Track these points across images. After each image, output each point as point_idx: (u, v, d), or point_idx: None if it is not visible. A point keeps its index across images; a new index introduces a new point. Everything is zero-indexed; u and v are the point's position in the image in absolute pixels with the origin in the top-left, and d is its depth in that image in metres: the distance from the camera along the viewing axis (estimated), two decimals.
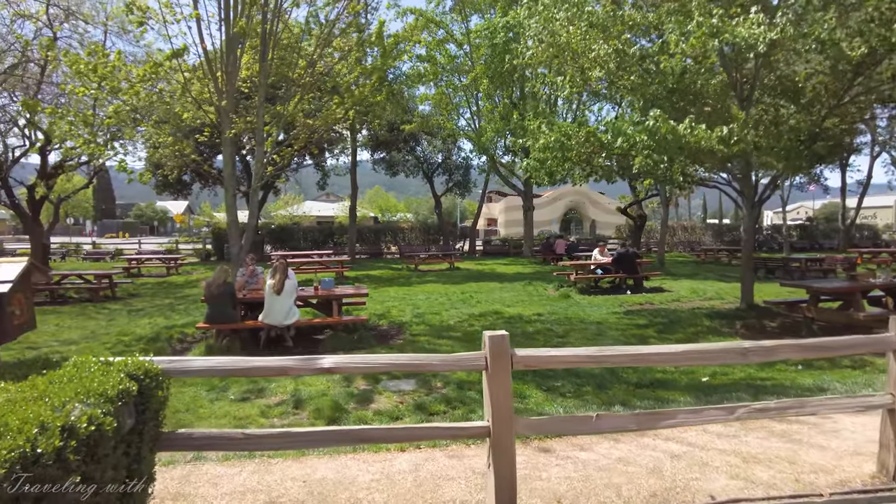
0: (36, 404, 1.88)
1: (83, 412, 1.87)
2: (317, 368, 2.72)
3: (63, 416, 1.79)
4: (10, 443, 1.56)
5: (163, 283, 17.82)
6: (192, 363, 2.68)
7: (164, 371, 2.57)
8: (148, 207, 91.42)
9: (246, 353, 7.87)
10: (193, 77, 10.14)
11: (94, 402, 1.98)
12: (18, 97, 15.64)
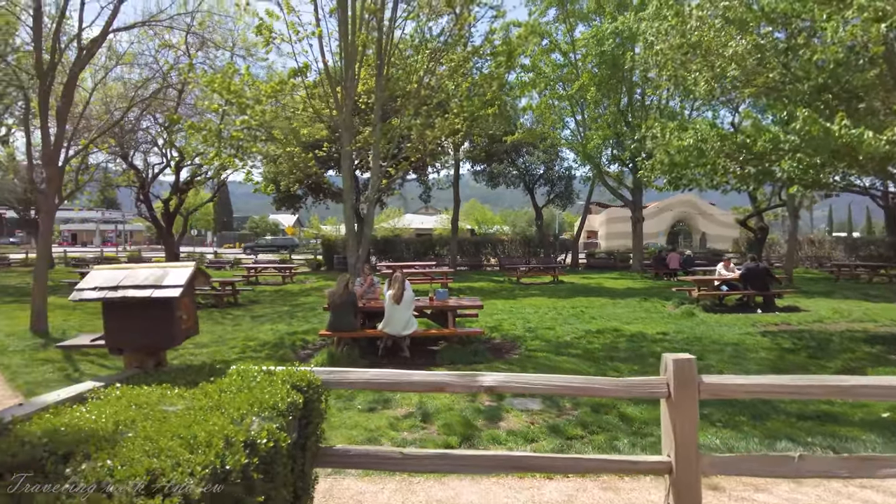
0: (214, 415, 1.79)
1: (261, 426, 1.75)
2: (477, 387, 2.50)
3: (244, 431, 1.68)
4: (203, 458, 1.45)
5: (279, 290, 18.72)
6: (350, 375, 2.56)
7: (325, 382, 2.45)
8: (261, 220, 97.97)
9: (365, 361, 7.92)
10: (314, 93, 10.52)
11: (268, 416, 1.86)
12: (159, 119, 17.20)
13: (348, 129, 10.11)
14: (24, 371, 7.22)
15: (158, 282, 2.51)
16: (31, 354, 8.33)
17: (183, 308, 2.58)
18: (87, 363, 7.82)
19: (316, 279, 23.35)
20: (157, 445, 1.49)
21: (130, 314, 2.53)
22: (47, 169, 9.93)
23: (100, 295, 2.47)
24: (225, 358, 8.15)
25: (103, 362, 7.86)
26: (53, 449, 1.48)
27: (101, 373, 7.18)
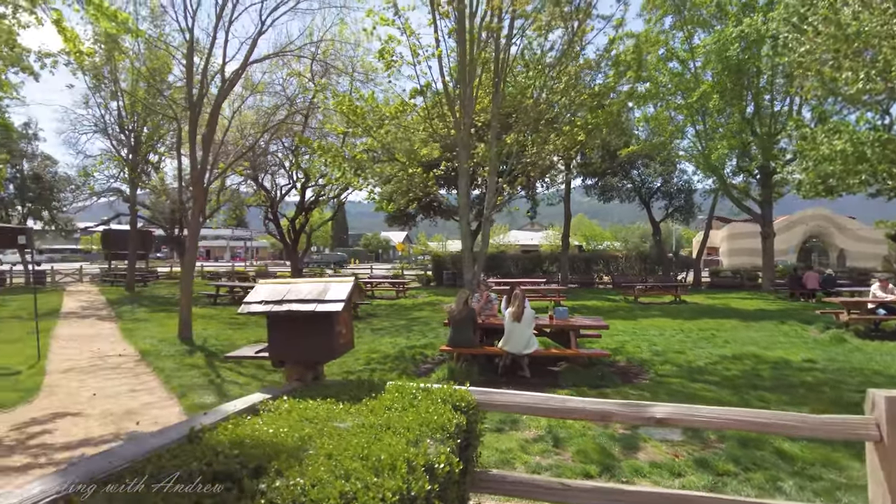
0: (386, 435, 1.75)
1: (438, 450, 1.67)
2: (646, 418, 2.29)
3: (423, 454, 1.61)
4: (392, 483, 1.39)
5: (394, 305, 19.23)
6: (503, 397, 2.45)
7: (479, 403, 2.36)
8: (373, 237, 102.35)
9: (484, 378, 7.81)
10: (432, 113, 10.73)
11: (440, 438, 1.79)
12: (286, 143, 18.44)
13: (465, 146, 10.18)
14: (175, 375, 7.88)
15: (321, 296, 2.57)
16: (181, 360, 9.11)
17: (342, 322, 2.62)
18: (227, 370, 8.40)
19: (427, 294, 23.76)
20: (341, 465, 1.46)
21: (293, 327, 2.61)
22: (194, 190, 10.91)
23: (266, 309, 2.57)
24: (350, 369, 8.41)
25: (240, 370, 8.40)
26: (245, 462, 1.49)
27: (238, 380, 7.68)
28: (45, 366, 8.64)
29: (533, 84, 11.46)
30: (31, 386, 7.07)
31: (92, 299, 20.82)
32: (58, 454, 4.37)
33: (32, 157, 30.43)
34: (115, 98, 23.10)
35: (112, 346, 10.52)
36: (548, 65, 11.43)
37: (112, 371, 8.30)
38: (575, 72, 11.82)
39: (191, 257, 11.03)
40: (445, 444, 1.77)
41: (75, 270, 34.27)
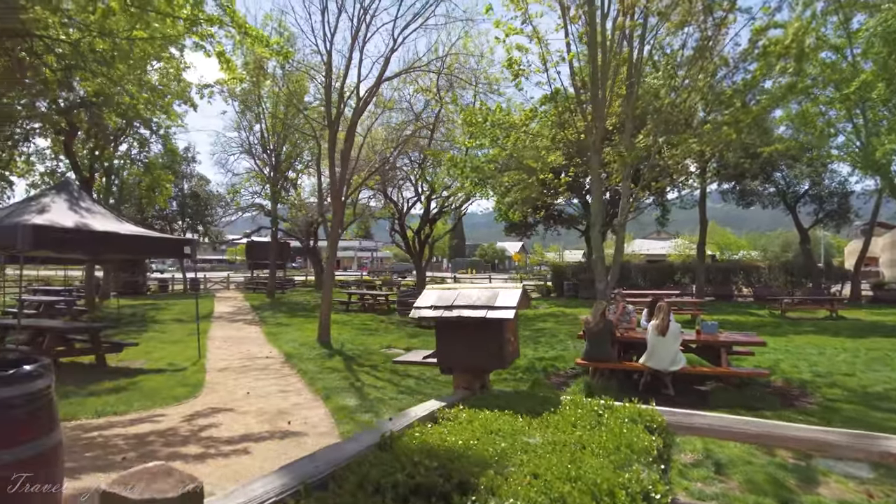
0: (585, 455, 1.59)
1: (651, 477, 1.49)
2: (879, 453, 1.93)
3: (637, 481, 1.44)
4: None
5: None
6: (696, 419, 2.20)
7: (669, 424, 2.14)
8: (489, 247, 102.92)
9: (623, 394, 7.37)
10: (563, 117, 10.47)
11: (645, 462, 1.60)
12: (413, 156, 19.01)
13: (597, 151, 9.81)
14: (318, 377, 8.29)
15: (490, 302, 2.49)
16: (321, 363, 9.59)
17: (510, 330, 2.53)
18: (364, 374, 8.69)
19: (548, 305, 23.28)
20: (552, 487, 1.33)
21: (462, 334, 2.56)
22: (333, 203, 11.52)
23: (436, 314, 2.54)
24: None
25: (377, 374, 8.66)
26: (446, 475, 1.42)
27: (376, 384, 7.90)
28: (205, 364, 9.50)
29: (666, 84, 10.82)
30: (196, 382, 7.77)
31: (238, 305, 22.83)
32: (224, 446, 4.71)
33: (191, 177, 34.20)
34: (259, 121, 25.31)
35: (259, 349, 11.36)
36: (678, 64, 10.74)
37: (261, 371, 8.92)
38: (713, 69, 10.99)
39: (330, 267, 11.64)
40: (653, 470, 1.58)
41: (223, 279, 37.90)
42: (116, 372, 8.66)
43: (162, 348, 11.21)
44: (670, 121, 11.14)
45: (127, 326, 15.35)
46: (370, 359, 10.08)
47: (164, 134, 21.54)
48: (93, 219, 8.84)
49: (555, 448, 1.65)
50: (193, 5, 7.07)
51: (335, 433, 5.30)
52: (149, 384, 7.52)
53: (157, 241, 9.46)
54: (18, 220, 7.66)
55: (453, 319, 2.52)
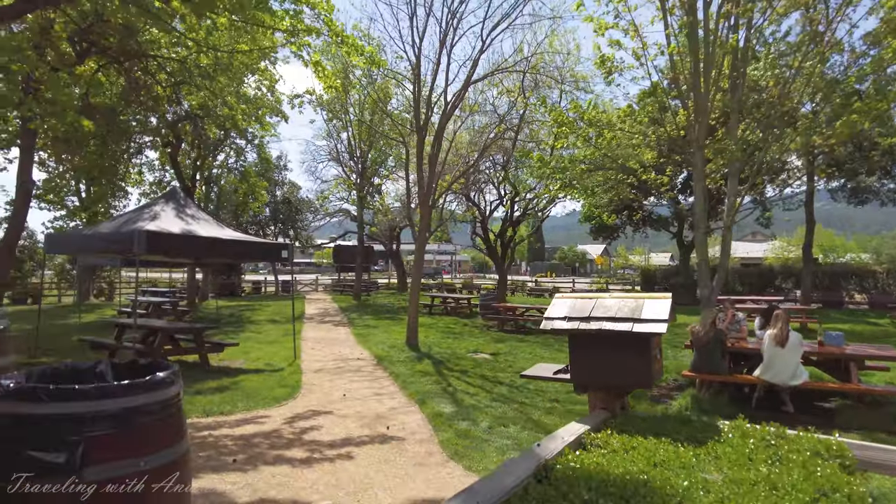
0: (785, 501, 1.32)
1: None
2: None
3: None
4: None
5: None
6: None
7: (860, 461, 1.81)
8: (570, 250, 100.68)
9: (735, 409, 6.81)
10: (661, 113, 9.92)
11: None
12: (497, 159, 18.81)
13: (700, 148, 9.19)
14: (410, 381, 8.26)
15: (635, 314, 2.26)
16: (412, 366, 9.59)
17: (657, 345, 2.28)
18: (454, 379, 8.58)
19: None
20: None
21: (601, 349, 2.35)
22: (421, 208, 11.54)
23: (571, 326, 2.34)
24: None
25: (468, 380, 8.52)
26: None
27: (469, 390, 7.75)
28: (301, 365, 9.75)
29: (767, 74, 9.99)
30: (293, 383, 7.96)
31: (326, 306, 23.55)
32: (327, 450, 4.72)
33: (283, 184, 35.79)
34: (346, 129, 26.06)
35: (350, 350, 11.56)
36: (784, 52, 9.88)
37: (355, 374, 9.03)
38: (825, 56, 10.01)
39: (418, 270, 11.68)
40: None
41: (312, 281, 39.37)
42: (219, 371, 9.06)
43: (259, 348, 11.66)
44: (774, 114, 10.26)
45: (226, 326, 16.16)
46: (459, 363, 9.98)
47: (259, 143, 22.66)
48: (198, 225, 9.32)
49: (741, 489, 1.40)
50: (293, 17, 7.27)
51: (435, 440, 5.19)
52: (249, 384, 7.78)
53: (257, 245, 9.85)
54: (134, 226, 8.18)
55: (592, 333, 2.30)
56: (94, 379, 2.33)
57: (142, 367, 2.38)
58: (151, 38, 12.13)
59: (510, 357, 10.85)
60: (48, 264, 26.50)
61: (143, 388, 1.96)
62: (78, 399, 1.84)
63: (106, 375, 2.37)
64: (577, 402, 7.18)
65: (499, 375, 8.94)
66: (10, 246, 10.29)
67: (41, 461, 1.80)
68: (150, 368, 2.31)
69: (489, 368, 9.60)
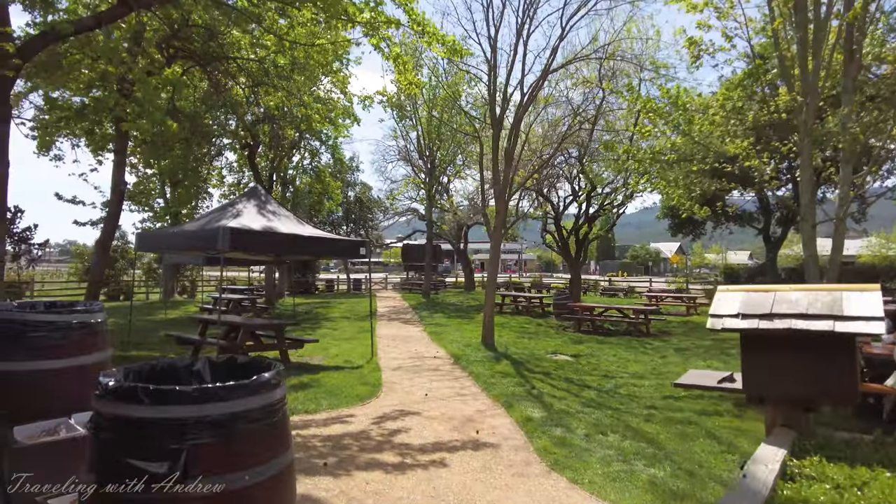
0: None
1: None
2: None
3: None
4: None
5: (686, 322, 17.34)
6: None
7: None
8: (641, 248, 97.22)
9: (863, 422, 6.04)
10: (760, 95, 9.11)
11: None
12: (571, 153, 18.17)
13: (809, 132, 8.33)
14: (492, 382, 7.94)
15: (834, 310, 1.84)
16: (490, 366, 9.26)
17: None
18: (537, 381, 8.18)
19: None
20: None
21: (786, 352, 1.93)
22: (497, 204, 11.19)
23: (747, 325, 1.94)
24: (672, 393, 7.42)
25: (552, 382, 8.10)
26: None
27: (555, 393, 7.34)
28: (379, 362, 9.64)
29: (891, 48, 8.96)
30: (374, 381, 7.81)
31: (396, 304, 23.65)
32: (419, 455, 4.47)
33: (355, 185, 36.41)
34: (415, 128, 26.11)
35: (426, 348, 11.37)
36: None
37: (433, 372, 8.80)
38: None
39: (493, 268, 11.34)
40: None
41: (381, 279, 39.86)
42: (299, 368, 9.08)
43: (336, 345, 11.69)
44: None
45: (303, 323, 16.44)
46: (539, 364, 9.56)
47: (333, 144, 23.02)
48: (279, 222, 9.38)
49: None
50: (372, 9, 7.13)
51: (530, 447, 4.84)
52: (331, 381, 7.70)
53: (336, 242, 9.81)
54: (218, 224, 8.29)
55: (776, 333, 1.89)
56: (192, 378, 2.16)
57: (241, 366, 2.18)
58: (232, 41, 12.45)
59: (592, 359, 10.31)
60: (137, 263, 28.13)
61: (248, 390, 1.74)
62: (181, 402, 1.63)
63: (204, 375, 2.19)
64: (676, 409, 6.62)
65: (584, 379, 8.46)
66: (105, 244, 10.79)
67: (142, 470, 1.60)
68: (251, 368, 2.11)
69: (572, 371, 9.13)
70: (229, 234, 7.98)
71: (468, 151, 26.65)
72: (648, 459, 4.60)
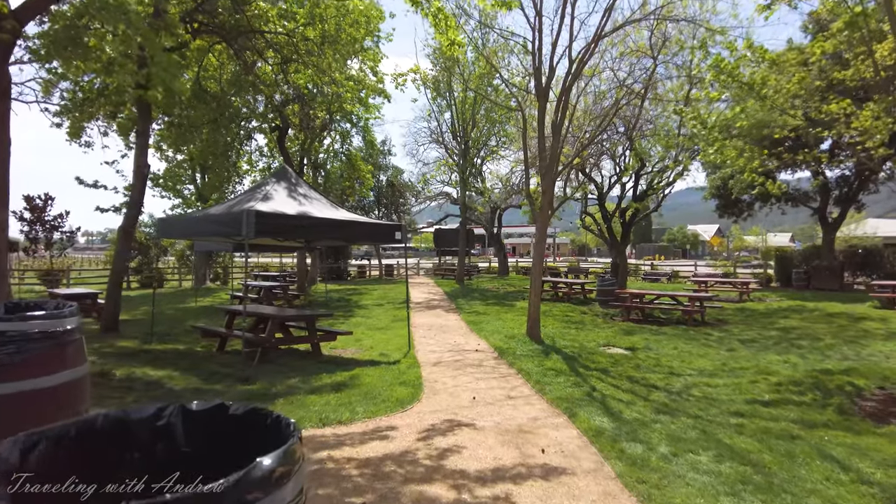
0: None
1: None
2: None
3: None
4: None
5: (742, 309, 16.11)
6: None
7: None
8: (679, 231, 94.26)
9: None
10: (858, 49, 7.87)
11: None
12: (619, 127, 16.96)
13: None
14: (544, 381, 7.09)
15: None
16: (539, 362, 8.41)
17: None
18: (596, 380, 7.31)
19: (777, 297, 19.60)
20: None
21: None
22: (544, 181, 10.25)
23: None
24: (756, 396, 6.45)
25: (612, 381, 7.22)
26: None
27: (620, 396, 6.46)
28: (417, 356, 8.89)
29: None
30: (414, 380, 7.06)
31: (431, 291, 22.92)
32: (478, 487, 3.64)
33: (387, 168, 35.70)
34: (449, 107, 25.13)
35: (466, 340, 10.59)
36: None
37: (477, 369, 8.01)
38: None
39: (540, 253, 10.43)
40: None
41: (414, 265, 39.23)
42: (331, 362, 8.40)
43: (371, 335, 11.01)
44: None
45: (336, 311, 15.85)
46: (593, 360, 8.66)
47: (364, 125, 22.25)
48: (310, 205, 8.66)
49: None
50: None
51: (608, 472, 3.98)
52: (366, 379, 6.98)
53: (371, 226, 9.04)
54: (244, 207, 7.59)
55: None
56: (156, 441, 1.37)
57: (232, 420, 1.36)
58: (259, 13, 11.70)
59: (651, 353, 9.35)
60: (170, 251, 28.04)
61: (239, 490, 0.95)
62: None
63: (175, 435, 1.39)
64: (768, 416, 5.67)
65: (648, 377, 7.54)
66: (128, 231, 10.26)
67: None
68: (248, 426, 1.30)
69: (632, 367, 8.20)
70: (254, 219, 7.28)
71: (504, 132, 25.55)
72: (761, 491, 3.70)
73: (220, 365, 8.03)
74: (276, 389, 6.47)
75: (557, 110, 10.46)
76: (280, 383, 6.78)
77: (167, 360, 8.28)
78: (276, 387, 6.60)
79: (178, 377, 7.18)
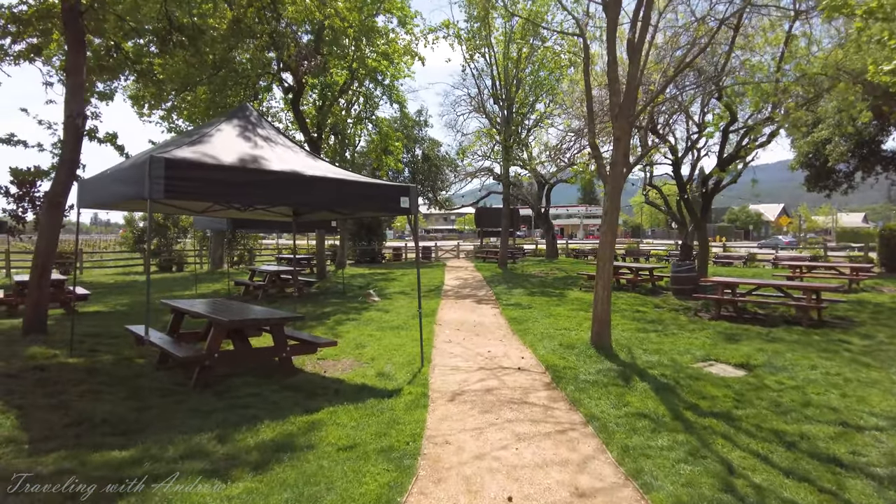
0: None
1: None
2: None
3: None
4: None
5: (859, 302, 12.44)
6: None
7: None
8: (741, 211, 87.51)
9: None
10: None
11: None
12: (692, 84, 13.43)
13: None
14: (634, 445, 4.11)
15: None
16: (617, 393, 5.42)
17: None
18: (718, 437, 4.29)
19: (893, 285, 15.71)
20: None
21: None
22: (616, 127, 7.13)
23: None
24: None
25: (750, 441, 4.17)
26: None
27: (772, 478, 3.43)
28: (429, 378, 6.07)
29: None
30: (408, 437, 4.25)
31: (468, 275, 20.04)
32: None
33: (423, 141, 32.76)
34: (490, 67, 21.93)
35: (504, 349, 7.68)
36: None
37: (518, 407, 5.10)
38: None
39: (611, 231, 7.31)
40: None
41: (453, 247, 36.37)
42: (301, 388, 5.65)
43: (379, 339, 8.27)
44: None
45: (351, 301, 13.19)
46: (702, 391, 5.57)
47: (391, 84, 19.35)
48: (268, 151, 5.82)
49: None
50: None
51: None
52: (329, 436, 4.20)
53: (361, 187, 6.08)
54: (155, 153, 4.83)
55: None
56: None
57: None
58: None
59: (785, 377, 6.17)
60: (190, 231, 26.02)
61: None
62: None
63: None
64: None
65: (805, 429, 4.45)
66: (56, 201, 7.68)
67: None
68: None
69: (769, 407, 5.09)
70: (162, 171, 4.52)
71: (555, 89, 22.14)
72: None
73: (125, 395, 5.33)
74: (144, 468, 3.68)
75: (634, 26, 7.28)
76: (177, 443, 4.00)
77: (60, 383, 5.63)
78: (170, 449, 3.84)
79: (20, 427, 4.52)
